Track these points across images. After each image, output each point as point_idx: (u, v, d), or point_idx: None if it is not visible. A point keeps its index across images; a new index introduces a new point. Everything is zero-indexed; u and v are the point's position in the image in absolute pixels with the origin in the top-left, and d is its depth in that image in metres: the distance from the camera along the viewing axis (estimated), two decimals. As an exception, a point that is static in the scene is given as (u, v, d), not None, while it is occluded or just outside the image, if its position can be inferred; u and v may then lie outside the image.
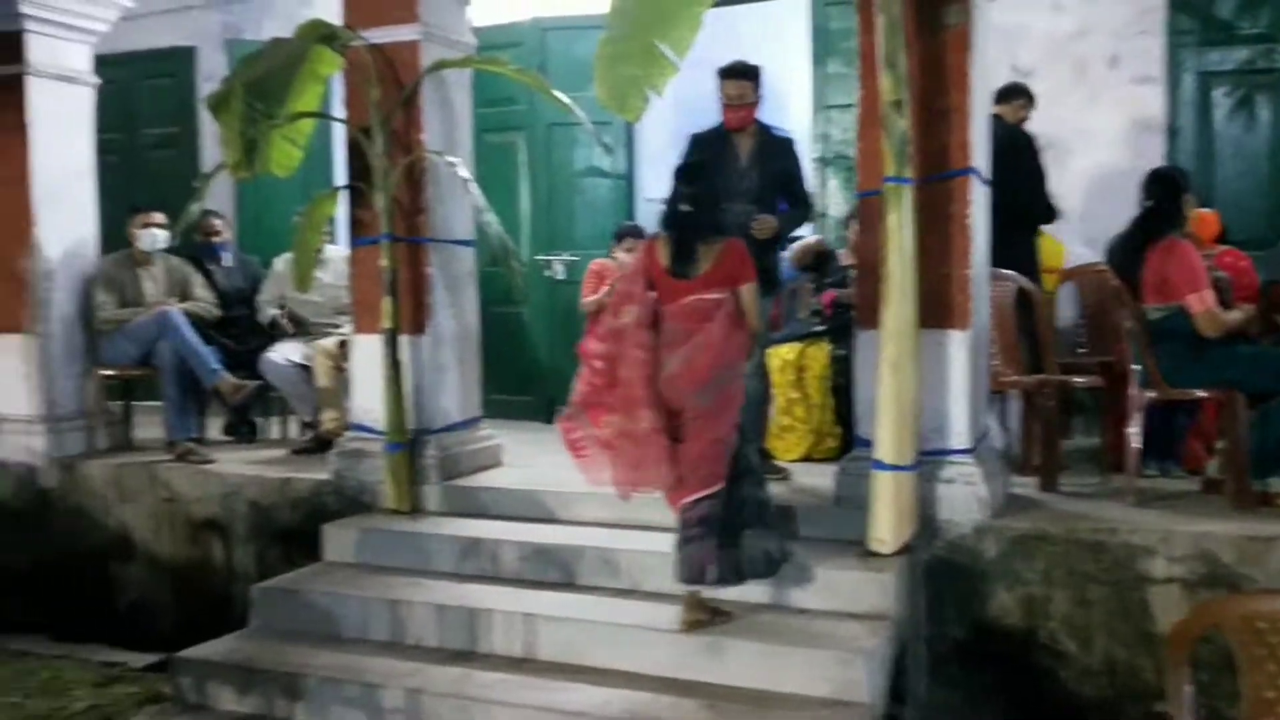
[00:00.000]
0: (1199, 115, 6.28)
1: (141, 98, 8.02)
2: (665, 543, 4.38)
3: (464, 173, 5.02)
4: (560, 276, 7.20)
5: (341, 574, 4.66)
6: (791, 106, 9.11)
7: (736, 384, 3.90)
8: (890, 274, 4.02)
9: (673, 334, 3.86)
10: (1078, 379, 5.12)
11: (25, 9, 5.72)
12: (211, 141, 8.02)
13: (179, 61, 8.04)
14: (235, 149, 4.15)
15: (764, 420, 5.24)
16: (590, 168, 7.15)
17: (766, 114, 9.21)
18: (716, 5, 4.33)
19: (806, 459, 5.69)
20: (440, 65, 4.93)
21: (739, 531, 3.85)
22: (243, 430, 6.60)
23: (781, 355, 5.84)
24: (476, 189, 5.03)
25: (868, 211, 4.34)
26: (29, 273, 5.91)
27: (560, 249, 7.21)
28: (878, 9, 4.00)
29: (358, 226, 5.20)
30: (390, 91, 4.95)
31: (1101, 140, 6.37)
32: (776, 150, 5.03)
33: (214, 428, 6.55)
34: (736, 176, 4.92)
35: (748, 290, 3.90)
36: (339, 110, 5.27)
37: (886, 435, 4.07)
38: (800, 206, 5.13)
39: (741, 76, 4.89)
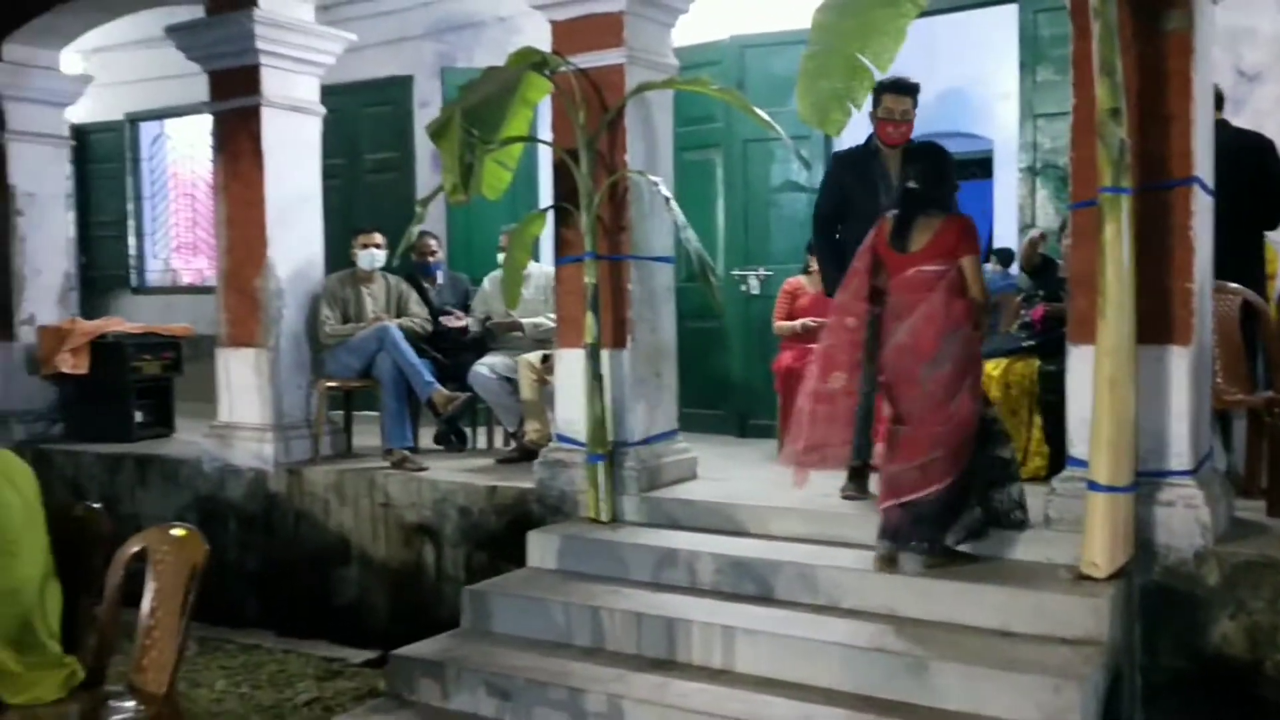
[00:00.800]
0: None
1: (361, 125, 8.51)
2: (863, 560, 4.37)
3: (666, 191, 5.12)
4: (755, 291, 7.23)
5: (545, 580, 4.81)
6: (997, 115, 8.89)
7: (970, 350, 4.15)
8: (1107, 287, 3.88)
9: (898, 306, 4.20)
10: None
11: (261, 45, 6.18)
12: (425, 165, 8.48)
13: (396, 89, 8.50)
14: (453, 173, 4.37)
15: None
16: (786, 183, 7.16)
17: (969, 122, 9.00)
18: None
19: (1033, 478, 5.51)
20: (644, 88, 5.05)
21: (987, 490, 4.23)
22: (452, 439, 6.90)
23: (986, 371, 5.68)
24: (677, 207, 5.11)
25: (1082, 223, 4.19)
26: (262, 291, 6.36)
27: (755, 264, 7.24)
28: (1093, 15, 3.88)
29: (562, 245, 5.38)
30: (595, 114, 5.10)
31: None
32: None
33: (425, 437, 6.87)
34: (886, 194, 4.78)
35: (969, 262, 4.16)
36: (543, 133, 5.47)
37: (1102, 455, 3.93)
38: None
39: (906, 92, 4.80)
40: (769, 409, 7.04)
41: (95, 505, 3.92)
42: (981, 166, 9.85)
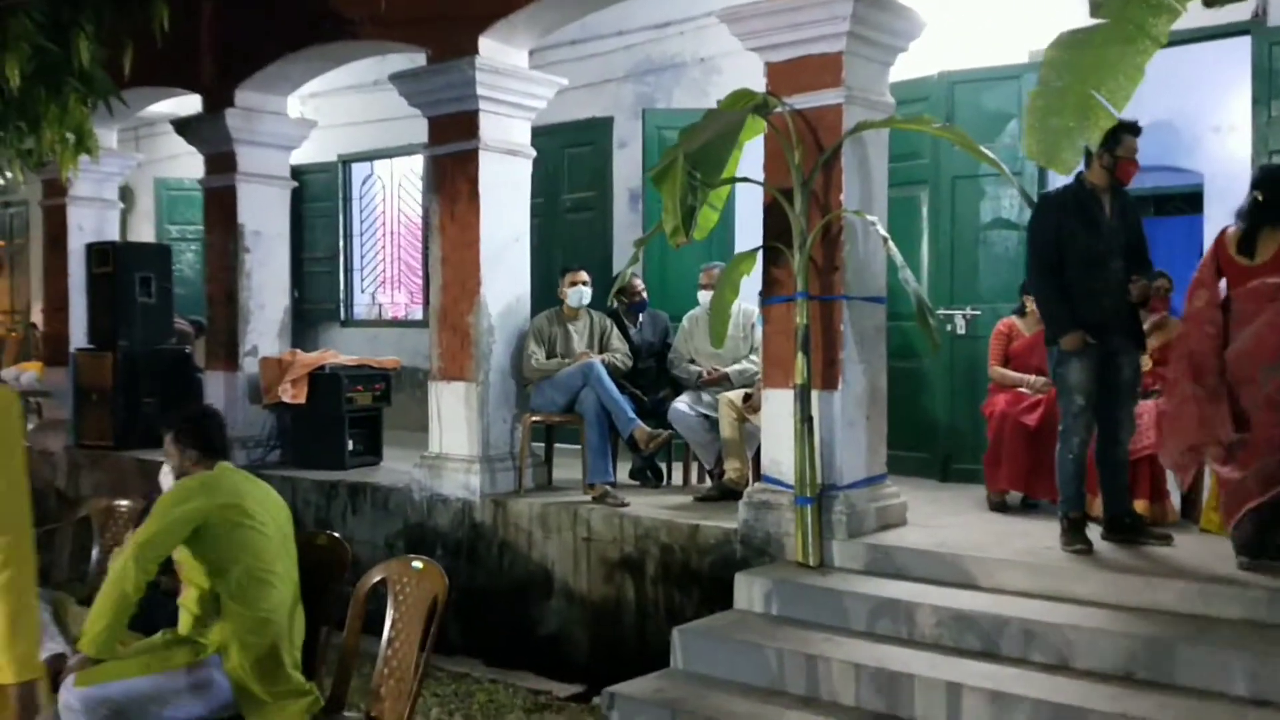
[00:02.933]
0: None
1: (561, 164, 8.72)
2: (1094, 618, 4.16)
3: (882, 231, 5.04)
4: (961, 331, 7.03)
5: (755, 623, 4.76)
6: (1208, 149, 8.44)
7: None
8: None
9: (1241, 314, 4.48)
10: None
11: (481, 91, 6.42)
12: (622, 204, 8.63)
13: (597, 131, 8.68)
14: (675, 216, 4.42)
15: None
16: (996, 220, 6.95)
17: (1175, 156, 8.58)
18: (1153, 49, 4.15)
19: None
20: (863, 126, 5.00)
21: None
22: (649, 475, 6.94)
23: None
24: (894, 247, 5.03)
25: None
26: (474, 327, 6.57)
27: (962, 303, 7.04)
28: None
29: (772, 285, 5.36)
30: (810, 153, 5.08)
31: None
32: (1131, 205, 4.99)
33: (621, 470, 6.93)
34: (1108, 233, 4.83)
35: None
36: (743, 171, 5.44)
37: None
38: (1148, 264, 5.01)
39: (1138, 134, 4.84)
40: (974, 453, 6.82)
41: (336, 534, 4.11)
42: (1187, 201, 9.38)
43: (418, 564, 3.69)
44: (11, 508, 2.35)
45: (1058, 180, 7.19)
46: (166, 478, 3.91)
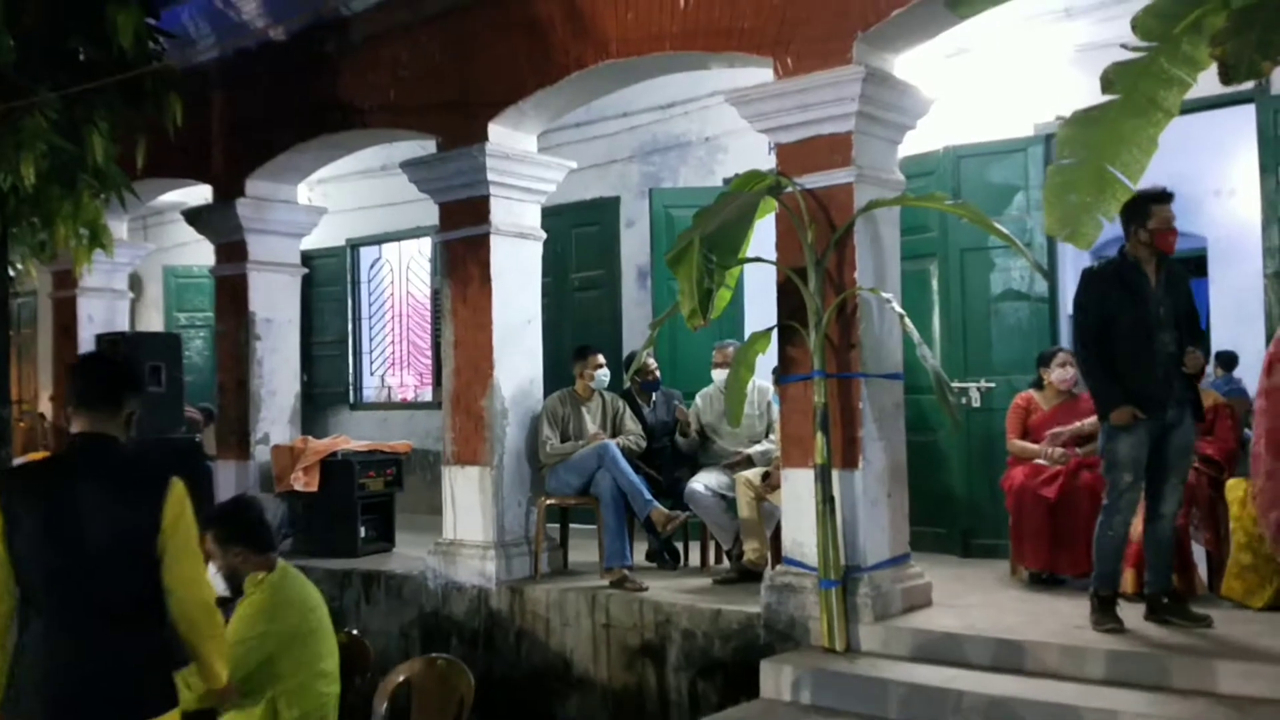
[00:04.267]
0: None
1: (570, 244, 8.74)
2: (1133, 701, 4.05)
3: (897, 307, 5.02)
4: (976, 404, 6.97)
5: (784, 713, 4.65)
6: (1209, 213, 8.48)
7: None
8: None
9: None
10: None
11: (492, 177, 6.46)
12: (630, 283, 8.65)
13: (604, 210, 8.73)
14: (692, 299, 4.41)
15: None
16: (1008, 291, 6.94)
17: (1196, 222, 8.60)
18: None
19: (1274, 607, 5.08)
20: (875, 204, 5.01)
21: None
22: (665, 557, 6.84)
23: (1244, 486, 5.29)
24: (910, 323, 5.01)
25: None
26: (487, 411, 6.53)
27: (976, 375, 7.00)
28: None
29: (788, 363, 5.33)
30: (823, 232, 5.08)
31: None
32: (1179, 275, 4.89)
33: (637, 552, 6.83)
34: (1155, 305, 4.75)
35: None
36: (755, 250, 5.44)
37: None
38: (1199, 333, 4.93)
39: (1171, 200, 4.74)
40: (994, 528, 6.74)
41: (355, 632, 4.03)
42: (1192, 264, 9.40)
43: (441, 662, 3.61)
44: None
45: (1068, 251, 7.28)
46: (213, 579, 3.85)
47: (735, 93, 5.37)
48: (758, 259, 5.13)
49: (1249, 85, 6.05)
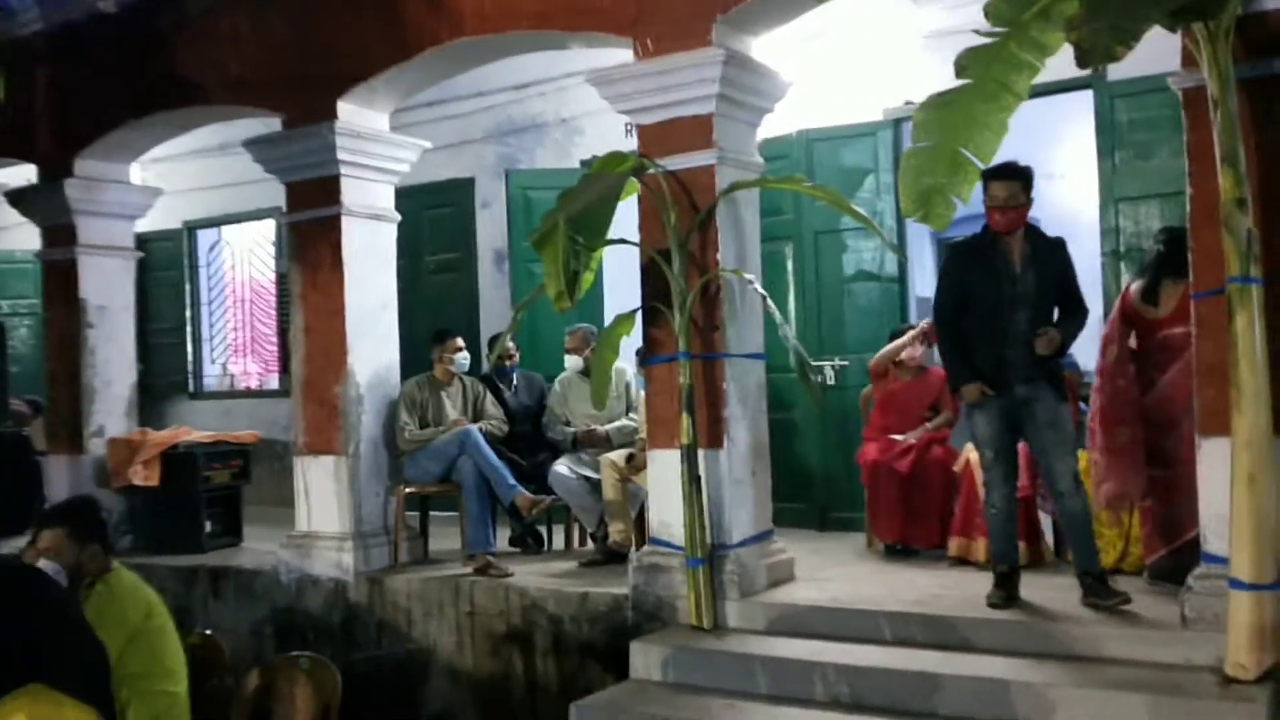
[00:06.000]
0: None
1: (424, 226, 8.52)
2: (994, 667, 4.21)
3: (759, 289, 5.07)
4: (831, 382, 7.13)
5: (655, 694, 4.65)
6: (1059, 196, 8.85)
7: None
8: (1241, 380, 3.79)
9: (1158, 363, 4.83)
10: None
11: (342, 156, 6.22)
12: (486, 265, 8.52)
13: (459, 192, 8.55)
14: (558, 281, 4.34)
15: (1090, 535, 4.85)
16: (860, 272, 7.11)
17: (1045, 206, 8.99)
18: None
19: (1115, 570, 5.35)
20: (737, 186, 5.04)
21: None
22: (529, 541, 6.78)
23: (1083, 458, 5.55)
24: (773, 304, 5.06)
25: (1205, 312, 4.14)
26: (342, 398, 6.31)
27: (830, 354, 7.16)
28: (1212, 104, 3.84)
29: (653, 345, 5.32)
30: (685, 214, 5.08)
31: None
32: (1050, 252, 4.76)
33: (500, 538, 6.74)
34: (1009, 282, 4.71)
35: None
36: (617, 233, 5.41)
37: (1244, 552, 3.83)
38: (1079, 311, 4.82)
39: (1011, 178, 4.66)
40: (849, 501, 6.92)
41: (209, 632, 3.84)
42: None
43: (305, 663, 3.46)
44: None
45: (916, 234, 7.51)
46: (55, 576, 3.61)
47: (595, 73, 5.32)
48: (621, 240, 5.10)
49: (1087, 72, 6.37)
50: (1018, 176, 4.69)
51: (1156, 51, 4.16)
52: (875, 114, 7.01)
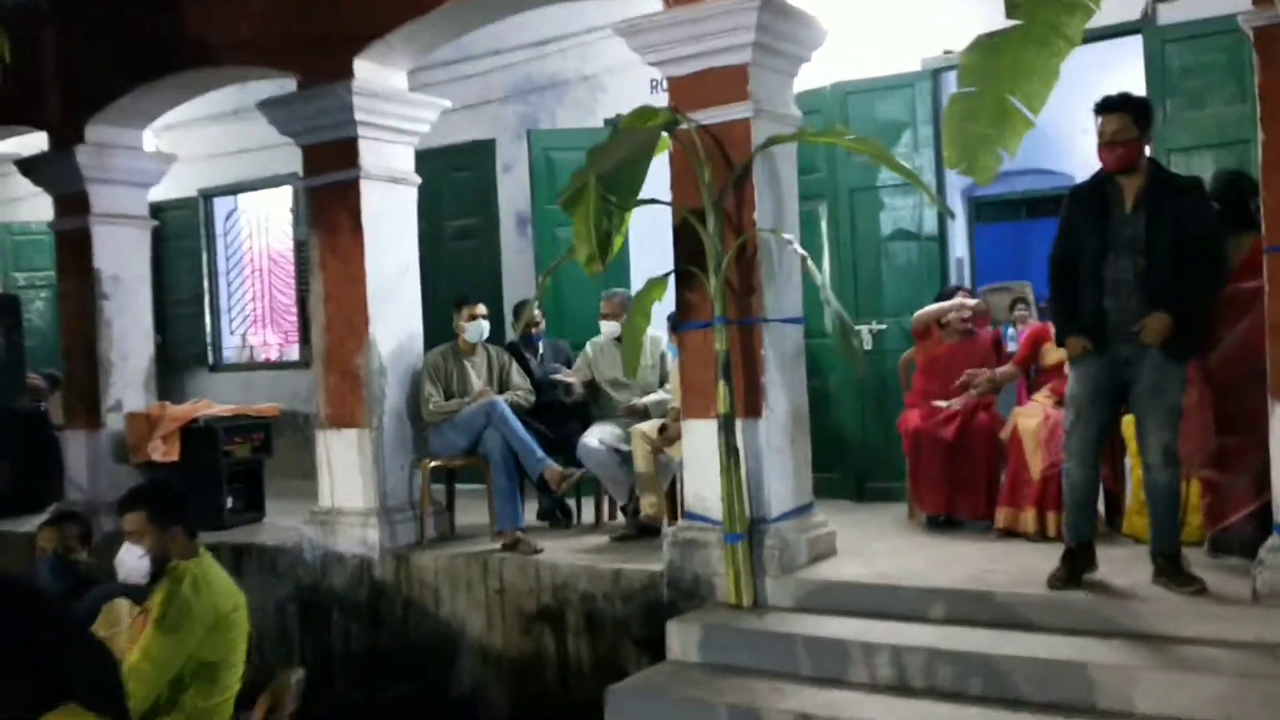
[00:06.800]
0: None
1: (443, 190, 8.24)
2: (1049, 647, 3.99)
3: (799, 249, 4.81)
4: (868, 347, 6.87)
5: (694, 676, 4.45)
6: (1080, 151, 8.47)
7: None
8: (1324, 340, 3.51)
9: (1223, 321, 4.44)
10: None
11: (360, 116, 5.97)
12: (509, 230, 8.28)
13: (479, 154, 8.27)
14: (589, 243, 4.10)
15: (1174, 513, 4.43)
16: (898, 231, 6.83)
17: (1044, 158, 8.58)
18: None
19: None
20: (774, 141, 4.76)
21: None
22: (557, 515, 6.57)
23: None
24: (813, 265, 4.81)
25: (1276, 268, 3.83)
26: (364, 369, 6.11)
27: (867, 317, 6.89)
28: (1292, 41, 3.54)
29: (687, 310, 5.08)
30: (720, 172, 4.81)
31: None
32: (1170, 193, 4.25)
33: (528, 511, 6.54)
34: (1119, 225, 4.26)
35: None
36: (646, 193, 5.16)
37: (1323, 524, 3.55)
38: (1205, 264, 4.23)
39: (1119, 109, 4.25)
40: (888, 470, 6.68)
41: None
42: (1059, 203, 9.46)
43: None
44: None
45: (956, 188, 7.20)
46: (138, 560, 3.49)
47: (624, 23, 5.02)
48: (653, 200, 4.84)
49: (1136, 15, 6.05)
50: (1128, 108, 4.26)
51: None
52: (913, 65, 6.70)
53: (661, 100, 5.68)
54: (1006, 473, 5.53)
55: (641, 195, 4.76)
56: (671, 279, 5.05)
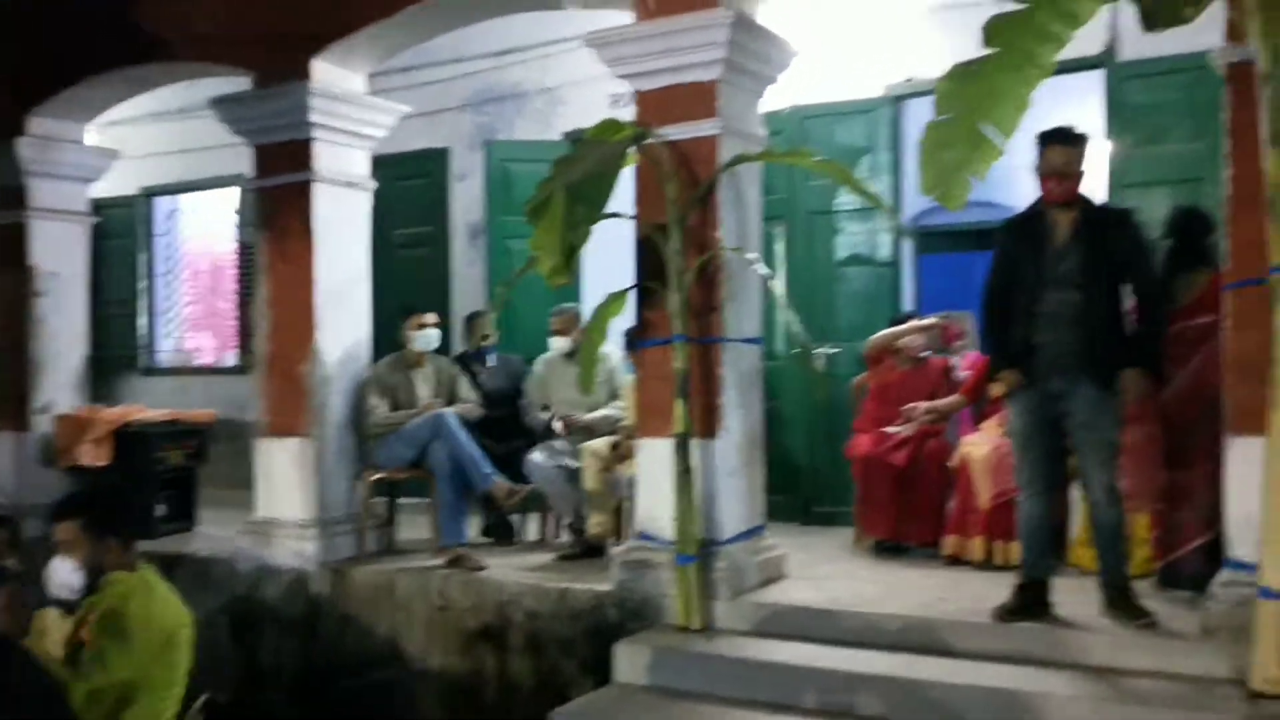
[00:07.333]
0: None
1: (395, 198, 8.06)
2: (999, 676, 3.97)
3: (762, 270, 4.78)
4: (820, 369, 6.85)
5: (642, 699, 4.37)
6: (1025, 184, 8.61)
7: None
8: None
9: (1176, 358, 4.44)
10: None
11: (315, 118, 5.84)
12: (460, 240, 8.15)
13: (433, 162, 8.14)
14: (554, 254, 4.02)
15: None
16: (852, 256, 6.85)
17: (988, 191, 8.68)
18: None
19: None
20: (741, 159, 4.72)
21: None
22: (500, 531, 6.45)
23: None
24: (775, 285, 4.77)
25: (1242, 305, 3.88)
26: (308, 377, 5.95)
27: (820, 340, 6.87)
28: (1260, 81, 3.58)
29: (646, 326, 5.01)
30: (685, 188, 4.77)
31: None
32: (1107, 227, 4.25)
33: (471, 527, 6.41)
34: (1053, 258, 4.24)
35: None
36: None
37: (1275, 559, 3.56)
38: (1151, 298, 4.29)
39: (1070, 143, 4.21)
40: (834, 494, 6.68)
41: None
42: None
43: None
44: None
45: (916, 212, 7.23)
46: (70, 575, 3.29)
47: (595, 35, 4.96)
48: (616, 215, 4.77)
49: (1098, 50, 6.13)
50: (1080, 142, 4.22)
51: (1173, 30, 3.88)
52: (875, 90, 6.73)
53: (622, 115, 5.63)
54: (955, 501, 5.54)
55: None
56: (630, 295, 4.98)
